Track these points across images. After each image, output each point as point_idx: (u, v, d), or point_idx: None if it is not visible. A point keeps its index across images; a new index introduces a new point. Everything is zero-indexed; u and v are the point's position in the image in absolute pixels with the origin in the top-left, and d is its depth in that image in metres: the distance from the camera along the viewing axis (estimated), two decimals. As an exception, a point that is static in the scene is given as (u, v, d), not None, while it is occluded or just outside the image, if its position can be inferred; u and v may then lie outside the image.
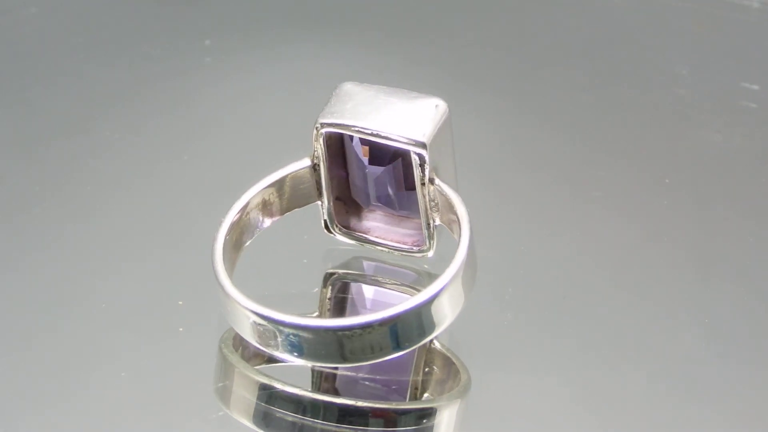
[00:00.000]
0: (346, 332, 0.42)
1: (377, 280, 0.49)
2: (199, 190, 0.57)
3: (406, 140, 0.45)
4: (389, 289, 0.49)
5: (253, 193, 0.48)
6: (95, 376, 0.47)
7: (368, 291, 0.49)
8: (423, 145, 0.45)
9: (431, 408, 0.45)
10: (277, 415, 0.44)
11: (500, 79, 0.69)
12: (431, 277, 0.48)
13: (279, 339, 0.43)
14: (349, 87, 0.48)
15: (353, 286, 0.49)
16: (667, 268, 0.52)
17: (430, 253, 0.48)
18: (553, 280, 0.51)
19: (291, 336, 0.43)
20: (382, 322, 0.42)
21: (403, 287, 0.49)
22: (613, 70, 0.69)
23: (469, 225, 0.45)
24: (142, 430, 0.45)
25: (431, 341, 0.46)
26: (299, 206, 0.49)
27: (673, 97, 0.67)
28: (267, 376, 0.45)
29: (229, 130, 0.63)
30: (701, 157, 0.61)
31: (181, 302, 0.50)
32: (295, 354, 0.43)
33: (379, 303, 0.48)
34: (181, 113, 0.64)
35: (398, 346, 0.43)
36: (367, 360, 0.43)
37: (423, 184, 0.46)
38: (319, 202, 0.49)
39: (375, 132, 0.46)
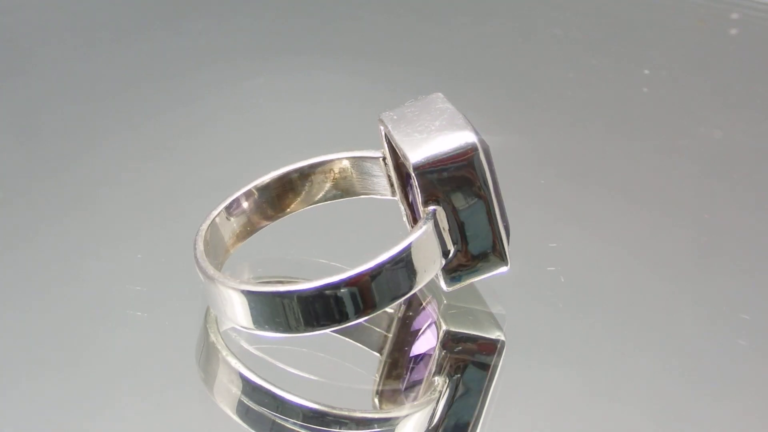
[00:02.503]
0: (308, 295, 0.43)
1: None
2: (199, 191, 0.57)
3: (403, 156, 0.45)
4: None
5: (266, 178, 0.49)
6: (95, 375, 0.47)
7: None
8: (412, 166, 0.45)
9: (397, 417, 0.45)
10: (251, 406, 0.45)
11: (501, 77, 0.69)
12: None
13: (252, 309, 0.44)
14: (432, 97, 0.47)
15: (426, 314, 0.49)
16: (667, 263, 0.52)
17: (444, 287, 0.47)
18: (557, 275, 0.51)
19: (268, 303, 0.43)
20: (348, 283, 0.43)
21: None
22: (612, 67, 0.69)
23: (429, 225, 0.45)
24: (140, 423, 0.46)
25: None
26: (375, 194, 0.50)
27: (674, 93, 0.67)
28: (245, 365, 0.45)
29: (231, 132, 0.63)
30: (702, 154, 0.61)
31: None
32: (271, 324, 0.44)
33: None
34: (182, 113, 0.65)
35: (363, 310, 0.43)
36: (330, 327, 0.43)
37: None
38: (397, 198, 0.49)
39: (396, 141, 0.46)
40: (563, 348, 0.48)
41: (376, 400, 0.45)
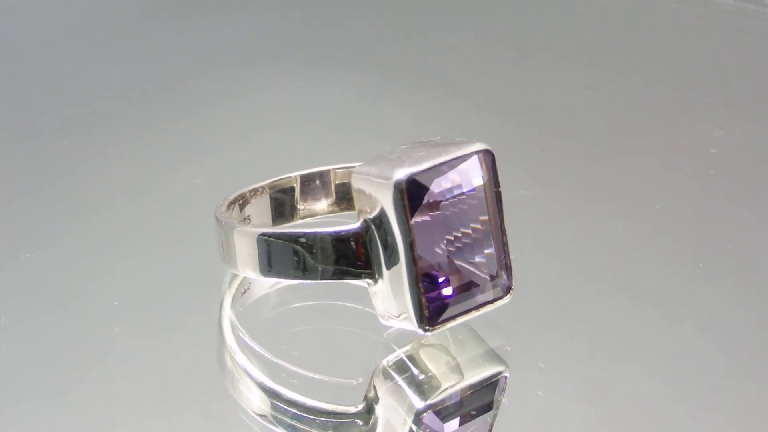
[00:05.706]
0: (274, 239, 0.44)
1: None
2: (201, 191, 0.57)
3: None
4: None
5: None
6: (96, 373, 0.47)
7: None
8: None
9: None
10: (271, 411, 0.45)
11: (501, 77, 0.69)
12: None
13: (264, 252, 0.44)
14: (468, 141, 0.45)
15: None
16: (668, 262, 0.52)
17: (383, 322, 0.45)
18: (554, 278, 0.51)
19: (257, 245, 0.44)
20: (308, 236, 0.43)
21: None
22: (614, 67, 0.70)
23: None
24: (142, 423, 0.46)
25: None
26: None
27: (675, 93, 0.67)
28: (260, 368, 0.46)
29: (233, 135, 0.63)
30: (702, 153, 0.61)
31: None
32: (285, 269, 0.44)
33: None
34: (184, 115, 0.65)
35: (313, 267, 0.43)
36: (295, 278, 0.44)
37: None
38: None
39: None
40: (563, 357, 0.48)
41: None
